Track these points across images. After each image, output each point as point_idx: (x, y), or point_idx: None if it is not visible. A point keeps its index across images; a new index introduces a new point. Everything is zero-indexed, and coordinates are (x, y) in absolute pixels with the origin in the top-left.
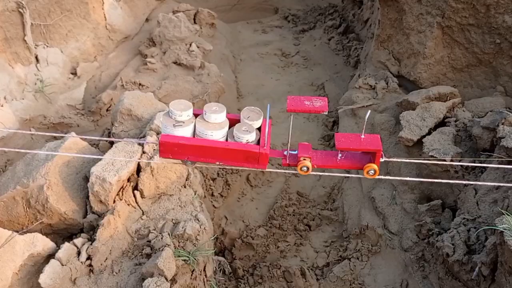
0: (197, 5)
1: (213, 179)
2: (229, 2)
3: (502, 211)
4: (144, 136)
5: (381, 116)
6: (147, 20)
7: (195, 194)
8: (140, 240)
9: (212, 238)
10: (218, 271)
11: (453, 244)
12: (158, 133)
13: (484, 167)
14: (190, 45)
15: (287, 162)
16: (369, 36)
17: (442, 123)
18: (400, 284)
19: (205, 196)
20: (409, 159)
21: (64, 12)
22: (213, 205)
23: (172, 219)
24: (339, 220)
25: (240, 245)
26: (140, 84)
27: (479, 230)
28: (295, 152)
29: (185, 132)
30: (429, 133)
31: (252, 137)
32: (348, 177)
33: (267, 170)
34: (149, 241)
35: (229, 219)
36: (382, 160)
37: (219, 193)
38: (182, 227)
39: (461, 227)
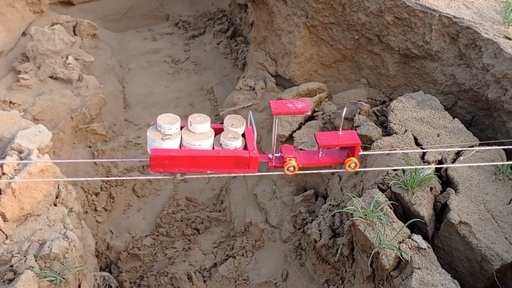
0: (84, 15)
1: (96, 194)
2: (118, 11)
3: (349, 194)
4: (4, 157)
5: (261, 115)
6: (24, 34)
7: (69, 211)
8: (2, 266)
9: (79, 254)
10: (103, 287)
11: (319, 230)
12: (20, 152)
13: None
14: (67, 57)
15: (274, 164)
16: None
17: (311, 117)
18: (281, 275)
19: (86, 212)
20: (382, 150)
21: None
22: (97, 220)
23: (39, 240)
24: (227, 220)
25: (126, 258)
26: (10, 102)
27: (332, 213)
28: (280, 154)
29: (174, 144)
30: (299, 128)
31: (239, 143)
32: (235, 176)
33: (256, 174)
34: (12, 266)
35: (115, 233)
36: (360, 153)
37: (103, 207)
38: (48, 247)
39: (327, 213)
